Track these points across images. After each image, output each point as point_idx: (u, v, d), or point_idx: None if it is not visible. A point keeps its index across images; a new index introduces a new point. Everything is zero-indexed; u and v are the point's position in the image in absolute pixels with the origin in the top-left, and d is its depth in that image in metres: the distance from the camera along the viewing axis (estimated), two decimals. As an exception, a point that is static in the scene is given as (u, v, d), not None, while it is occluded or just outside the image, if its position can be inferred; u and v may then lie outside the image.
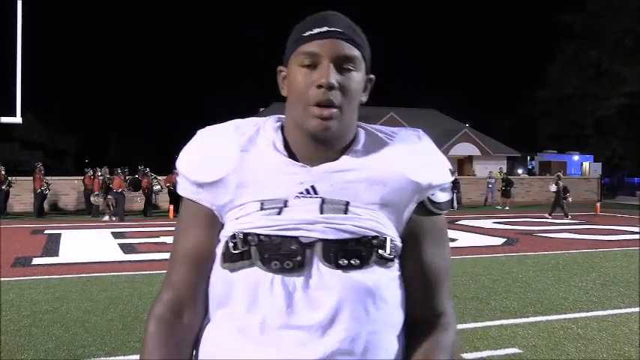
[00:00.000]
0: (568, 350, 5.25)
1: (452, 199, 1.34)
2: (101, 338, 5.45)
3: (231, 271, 1.20)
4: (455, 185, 23.93)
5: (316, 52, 1.18)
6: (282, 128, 1.27)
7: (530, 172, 42.43)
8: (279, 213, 1.18)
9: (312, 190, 1.20)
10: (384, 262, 1.19)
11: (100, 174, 19.92)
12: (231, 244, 1.20)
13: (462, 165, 39.23)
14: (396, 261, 1.23)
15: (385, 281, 1.20)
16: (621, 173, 44.23)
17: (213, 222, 1.26)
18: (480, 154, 39.28)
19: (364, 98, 1.28)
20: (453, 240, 13.14)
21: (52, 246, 11.91)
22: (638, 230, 15.42)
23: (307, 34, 1.20)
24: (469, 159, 39.62)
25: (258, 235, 1.18)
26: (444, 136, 39.52)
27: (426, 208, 1.26)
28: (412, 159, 1.24)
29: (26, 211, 19.69)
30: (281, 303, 1.15)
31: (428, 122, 40.69)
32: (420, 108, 44.38)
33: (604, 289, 7.87)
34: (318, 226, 1.17)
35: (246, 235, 1.19)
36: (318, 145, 1.22)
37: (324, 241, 1.17)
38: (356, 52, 1.21)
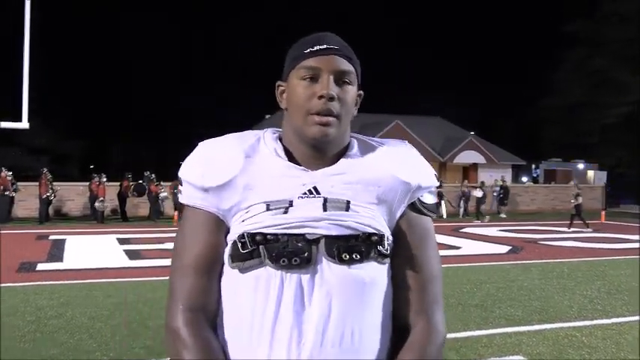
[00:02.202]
0: (572, 358, 5.24)
1: (439, 203, 1.43)
2: (106, 344, 5.47)
3: (241, 270, 1.26)
4: (464, 194, 23.93)
5: (317, 67, 1.29)
6: (280, 139, 1.37)
7: (534, 180, 42.35)
8: (285, 212, 1.26)
9: (315, 191, 1.29)
10: (381, 257, 1.28)
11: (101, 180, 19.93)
12: (239, 244, 1.26)
13: (467, 173, 39.19)
14: (389, 258, 1.32)
15: (380, 276, 1.30)
16: (626, 181, 44.09)
17: (220, 225, 1.31)
18: (485, 161, 39.26)
19: (355, 112, 1.37)
20: (457, 248, 13.14)
21: (56, 252, 11.94)
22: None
23: (308, 50, 1.30)
24: (474, 167, 39.59)
25: (265, 234, 1.25)
26: (450, 143, 39.51)
27: (416, 208, 1.36)
28: (402, 163, 1.35)
29: (31, 217, 19.73)
30: (292, 299, 1.23)
31: (433, 130, 40.72)
32: (426, 116, 44.37)
33: (608, 298, 7.86)
34: (323, 223, 1.26)
35: (254, 235, 1.25)
36: (315, 152, 1.31)
37: (328, 237, 1.25)
38: (351, 68, 1.32)
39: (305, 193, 1.28)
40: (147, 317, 6.41)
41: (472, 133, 42.01)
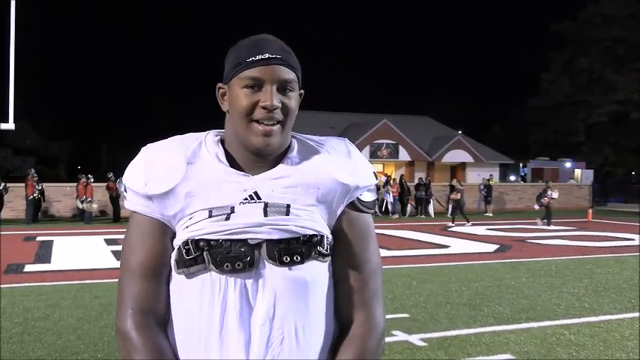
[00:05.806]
0: (560, 356, 5.27)
1: (377, 199, 1.48)
2: (94, 345, 5.44)
3: (187, 276, 1.29)
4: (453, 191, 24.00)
5: (259, 77, 1.30)
6: (222, 141, 1.39)
7: (522, 179, 42.58)
8: (227, 219, 1.29)
9: (256, 196, 1.31)
10: (321, 257, 1.33)
11: (83, 180, 19.74)
12: (184, 251, 1.29)
13: (455, 172, 39.32)
14: (330, 257, 1.36)
15: (321, 275, 1.34)
16: (613, 180, 44.40)
17: (165, 231, 1.35)
18: (473, 161, 39.39)
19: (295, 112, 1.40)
20: (446, 247, 13.19)
21: (44, 253, 11.87)
22: (629, 237, 15.52)
23: (250, 59, 1.31)
24: (462, 166, 39.73)
25: (208, 240, 1.28)
26: (437, 142, 39.60)
27: (355, 206, 1.40)
28: (341, 164, 1.38)
29: (18, 218, 19.60)
30: (237, 302, 1.27)
31: (421, 129, 40.79)
32: (414, 115, 44.44)
33: (596, 296, 7.91)
34: (264, 228, 1.29)
35: (197, 241, 1.29)
36: (257, 157, 1.34)
37: (270, 241, 1.29)
38: (292, 75, 1.34)
39: (246, 199, 1.30)
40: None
41: (460, 132, 42.13)
